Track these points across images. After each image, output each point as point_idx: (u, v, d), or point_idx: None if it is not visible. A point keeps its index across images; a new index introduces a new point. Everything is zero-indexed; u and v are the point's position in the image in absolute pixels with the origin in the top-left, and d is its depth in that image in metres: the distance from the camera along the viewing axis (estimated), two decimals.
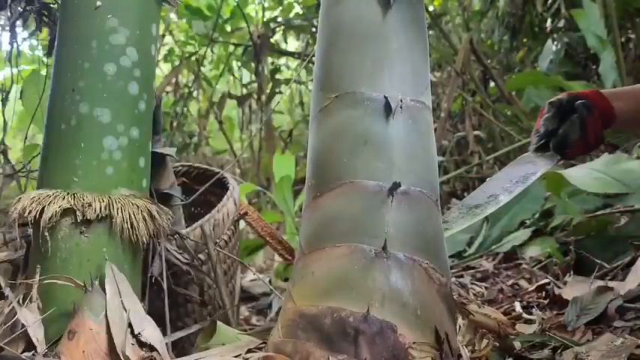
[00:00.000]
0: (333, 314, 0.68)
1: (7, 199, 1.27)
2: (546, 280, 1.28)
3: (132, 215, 0.87)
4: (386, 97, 0.78)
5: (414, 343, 0.67)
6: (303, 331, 0.70)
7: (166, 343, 0.87)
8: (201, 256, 1.12)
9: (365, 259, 0.71)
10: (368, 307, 0.67)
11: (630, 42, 2.73)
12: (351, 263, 0.71)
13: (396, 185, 0.73)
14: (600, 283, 1.07)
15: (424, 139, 0.80)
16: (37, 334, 0.79)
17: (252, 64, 3.83)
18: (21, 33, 1.18)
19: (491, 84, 3.26)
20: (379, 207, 0.73)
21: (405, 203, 0.74)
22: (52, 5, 1.14)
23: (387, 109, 0.77)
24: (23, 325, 0.79)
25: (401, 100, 0.78)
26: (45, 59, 1.29)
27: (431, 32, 3.58)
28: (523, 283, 1.41)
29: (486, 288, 1.42)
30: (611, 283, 1.05)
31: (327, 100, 0.81)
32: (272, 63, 4.25)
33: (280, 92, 3.95)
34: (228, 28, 3.81)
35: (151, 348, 0.79)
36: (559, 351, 0.85)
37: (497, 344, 0.84)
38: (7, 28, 1.14)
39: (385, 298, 0.69)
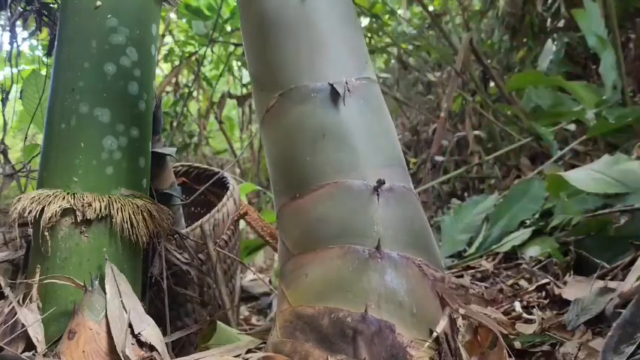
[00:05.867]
0: (330, 314, 0.68)
1: (7, 199, 1.28)
2: (546, 280, 1.28)
3: (132, 215, 0.87)
4: (331, 84, 0.76)
5: (411, 342, 0.67)
6: (301, 331, 0.70)
7: (166, 343, 0.87)
8: (201, 256, 1.12)
9: (359, 260, 0.70)
10: (365, 307, 0.67)
11: (630, 42, 2.73)
12: (346, 264, 0.70)
13: (380, 182, 0.73)
14: (600, 283, 1.07)
15: (379, 115, 0.79)
16: (37, 334, 0.79)
17: None
18: (21, 33, 1.18)
19: (492, 84, 3.26)
20: (366, 206, 0.73)
21: (392, 200, 0.74)
22: (52, 5, 1.14)
23: (336, 96, 0.75)
24: (23, 325, 0.79)
25: (347, 83, 0.76)
26: (45, 59, 1.29)
27: (431, 32, 3.58)
28: (523, 283, 1.41)
29: (486, 288, 1.42)
30: (611, 283, 1.05)
31: (272, 100, 0.79)
32: None
33: None
34: (228, 28, 3.81)
35: (151, 348, 0.79)
36: (557, 347, 0.85)
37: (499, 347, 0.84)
38: (7, 28, 1.14)
39: (381, 299, 0.68)
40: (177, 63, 3.98)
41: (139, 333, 0.79)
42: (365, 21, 3.66)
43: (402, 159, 0.80)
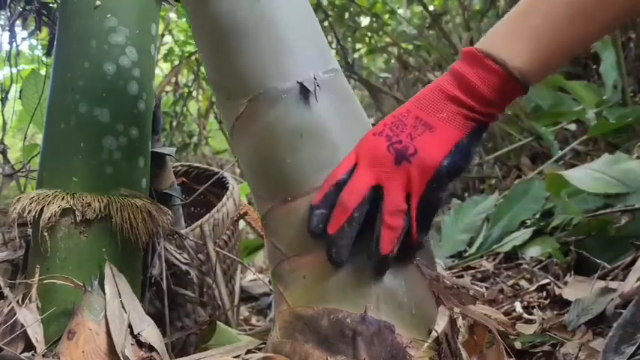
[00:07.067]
0: (330, 315, 0.68)
1: (7, 199, 1.27)
2: (547, 280, 1.28)
3: (131, 215, 0.87)
4: (300, 83, 0.73)
5: (411, 342, 0.67)
6: (300, 332, 0.69)
7: (166, 344, 0.87)
8: (201, 256, 1.12)
9: (357, 261, 0.70)
10: (365, 308, 0.67)
11: (631, 42, 2.73)
12: (344, 265, 0.70)
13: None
14: (601, 283, 1.07)
15: (351, 105, 0.77)
16: (36, 334, 0.79)
17: None
18: (20, 33, 1.18)
19: None
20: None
21: None
22: (51, 5, 1.14)
23: (307, 94, 0.73)
24: (22, 325, 0.79)
25: (315, 79, 0.74)
26: (44, 59, 1.29)
27: (431, 32, 3.58)
28: (523, 283, 1.41)
29: (487, 288, 1.42)
30: (612, 284, 1.05)
31: (241, 107, 0.75)
32: None
33: None
34: None
35: (151, 348, 0.79)
36: (558, 348, 0.85)
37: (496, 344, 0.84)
38: (7, 27, 1.14)
39: (380, 299, 0.68)
40: (177, 63, 3.98)
41: (139, 333, 0.79)
42: (365, 21, 3.66)
43: None
